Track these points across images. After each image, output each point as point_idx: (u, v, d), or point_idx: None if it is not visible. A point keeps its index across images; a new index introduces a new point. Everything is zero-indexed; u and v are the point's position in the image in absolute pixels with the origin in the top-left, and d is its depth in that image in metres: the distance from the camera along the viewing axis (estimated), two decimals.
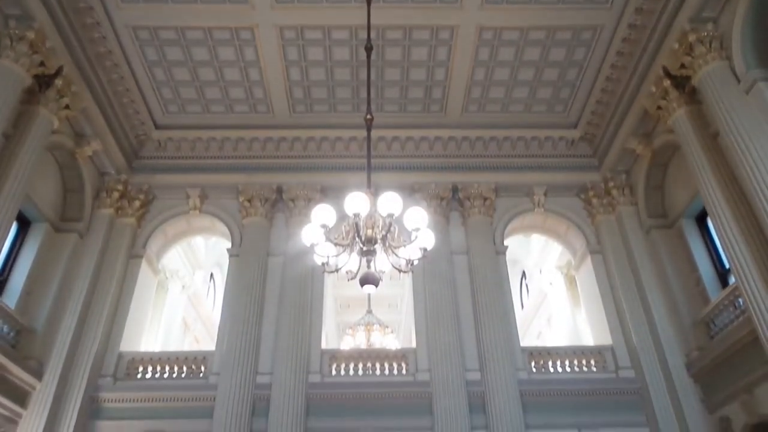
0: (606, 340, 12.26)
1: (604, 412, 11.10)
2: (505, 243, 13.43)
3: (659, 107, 10.95)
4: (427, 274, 12.35)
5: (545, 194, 13.71)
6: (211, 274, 19.66)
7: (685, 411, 10.49)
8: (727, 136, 8.98)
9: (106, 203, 12.78)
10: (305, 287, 12.27)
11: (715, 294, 10.85)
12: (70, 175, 12.21)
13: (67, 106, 10.83)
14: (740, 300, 9.60)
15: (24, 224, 11.53)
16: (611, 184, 13.30)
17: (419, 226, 5.82)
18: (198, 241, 16.92)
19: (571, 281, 15.85)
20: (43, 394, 10.37)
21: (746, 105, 8.96)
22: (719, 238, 9.36)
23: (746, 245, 8.63)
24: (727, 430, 9.94)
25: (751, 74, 8.98)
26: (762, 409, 9.15)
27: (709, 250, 11.71)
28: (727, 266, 10.62)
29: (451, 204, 13.54)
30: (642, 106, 11.68)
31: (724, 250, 9.26)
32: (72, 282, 11.60)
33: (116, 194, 12.93)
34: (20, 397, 10.08)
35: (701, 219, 11.88)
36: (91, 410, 10.98)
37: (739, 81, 9.22)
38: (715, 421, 10.25)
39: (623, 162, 13.19)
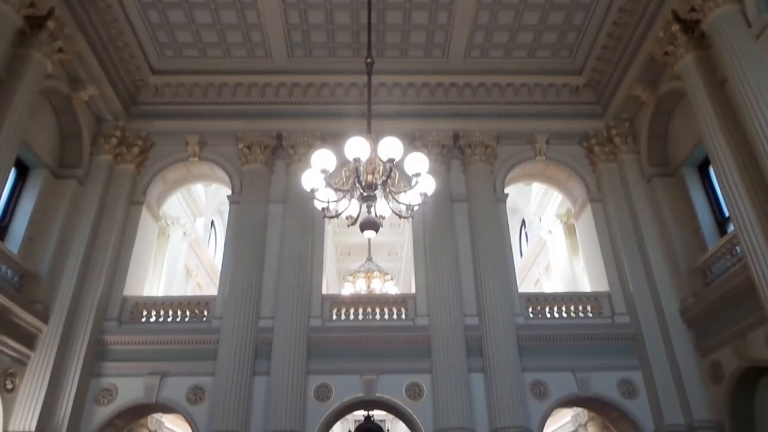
0: (603, 287, 12.45)
1: (599, 355, 11.41)
2: (506, 191, 13.42)
3: (666, 53, 10.70)
4: (428, 222, 12.42)
5: (547, 142, 13.60)
6: (212, 222, 19.76)
7: (677, 355, 10.77)
8: (735, 82, 8.82)
9: (104, 149, 12.70)
10: (306, 234, 12.36)
11: (713, 243, 10.93)
12: (67, 120, 12.07)
13: (60, 50, 10.59)
14: (737, 248, 9.68)
15: (23, 171, 11.48)
16: (614, 132, 13.17)
17: (420, 171, 5.79)
18: (198, 188, 16.92)
19: (570, 230, 15.95)
20: (49, 336, 10.61)
21: (756, 50, 8.76)
22: (720, 186, 9.34)
23: (747, 193, 8.62)
24: (717, 374, 10.22)
25: (763, 18, 8.74)
26: (753, 354, 9.37)
27: (709, 199, 11.72)
28: (727, 215, 10.67)
29: (451, 152, 13.45)
30: (649, 52, 11.42)
31: (724, 198, 9.26)
32: (73, 228, 11.67)
33: (114, 140, 12.82)
34: (28, 339, 10.32)
35: (703, 168, 11.83)
36: (98, 352, 11.28)
37: (750, 25, 8.99)
38: (707, 364, 10.52)
39: (627, 110, 13.01)
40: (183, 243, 16.81)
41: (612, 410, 11.43)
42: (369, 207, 5.88)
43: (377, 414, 12.40)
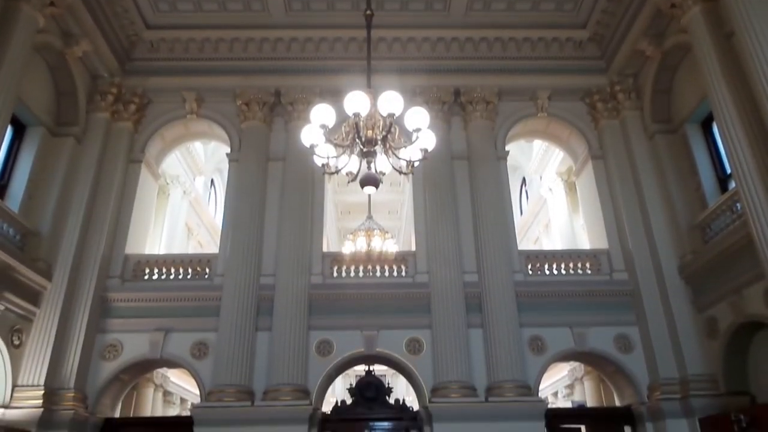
0: (602, 244, 12.50)
1: (596, 312, 11.55)
2: (507, 148, 13.33)
3: (673, 5, 10.43)
4: (428, 179, 12.38)
5: (549, 98, 13.40)
6: (212, 180, 19.71)
7: (674, 311, 10.90)
8: (742, 34, 8.60)
9: (100, 107, 12.53)
10: (306, 191, 12.35)
11: (713, 200, 10.91)
12: (62, 77, 11.86)
13: (52, 3, 10.32)
14: (738, 205, 9.66)
15: (20, 129, 11.37)
16: (617, 87, 12.97)
17: (420, 127, 5.72)
18: (197, 146, 16.81)
19: (570, 188, 15.91)
20: (54, 294, 10.73)
21: (764, 2, 8.51)
22: (723, 142, 9.25)
23: (749, 149, 8.55)
24: (713, 329, 10.37)
25: None
26: (749, 309, 9.48)
27: (711, 156, 11.63)
28: (728, 172, 10.62)
29: (452, 108, 13.28)
30: (655, 5, 11.11)
31: (727, 154, 9.18)
32: (72, 186, 11.64)
33: (110, 98, 12.64)
34: (32, 296, 10.43)
35: (706, 124, 11.69)
36: (102, 309, 11.42)
37: None
38: (703, 320, 10.67)
39: (631, 65, 12.77)
40: (183, 202, 16.81)
41: (608, 365, 11.65)
42: (369, 163, 5.84)
43: (378, 369, 12.62)
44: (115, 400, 11.75)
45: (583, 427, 11.55)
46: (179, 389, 16.28)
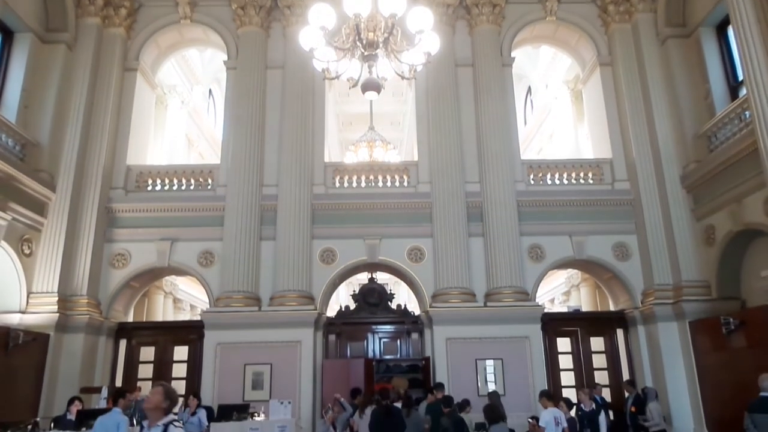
0: (606, 154, 12.42)
1: (596, 221, 11.70)
2: (513, 55, 12.89)
3: None
4: (431, 88, 12.09)
5: (558, 0, 12.78)
6: (210, 91, 19.27)
7: (673, 219, 11.02)
8: None
9: (90, 11, 12.02)
10: (306, 100, 12.10)
11: (722, 108, 10.68)
12: None
13: None
14: (747, 113, 9.49)
15: (8, 35, 10.98)
16: None
17: (423, 29, 5.48)
18: (193, 54, 16.26)
19: (576, 96, 15.55)
20: (59, 204, 10.84)
21: None
22: (738, 46, 8.89)
23: (764, 53, 8.23)
24: (710, 237, 10.53)
25: None
26: (747, 218, 9.57)
27: (723, 63, 11.29)
28: (740, 79, 10.33)
29: (457, 11, 12.70)
30: None
31: (740, 58, 8.83)
32: (68, 96, 11.42)
33: (100, 1, 12.09)
34: (38, 207, 10.55)
35: (721, 29, 11.25)
36: (108, 219, 11.59)
37: None
38: (701, 228, 10.81)
39: None
40: (181, 112, 16.52)
41: (604, 272, 11.95)
42: (370, 67, 5.66)
43: (380, 277, 12.98)
44: (127, 306, 12.20)
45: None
46: (188, 296, 16.83)
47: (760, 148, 8.24)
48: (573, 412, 8.20)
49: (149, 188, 12.05)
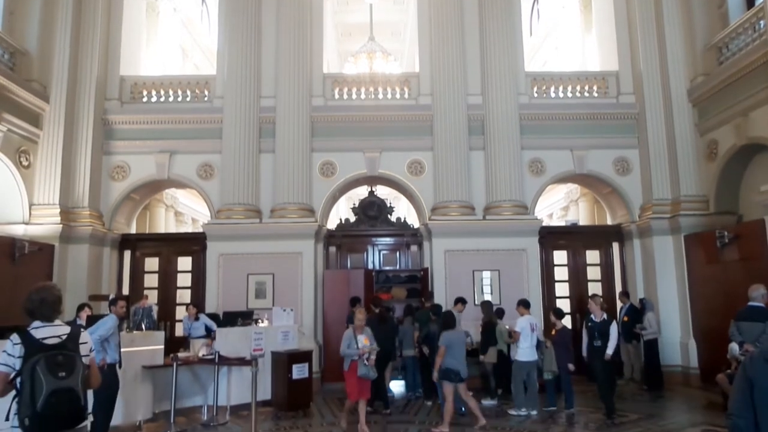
0: (612, 66, 12.07)
1: (598, 135, 11.59)
2: None
3: None
4: None
5: None
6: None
7: (676, 133, 10.89)
8: None
9: None
10: (304, 8, 11.60)
11: (736, 18, 10.25)
12: None
13: None
14: (762, 22, 9.14)
15: None
16: None
17: None
18: None
19: (585, 5, 14.85)
20: (53, 115, 10.68)
21: None
22: None
23: None
24: (712, 152, 10.45)
25: None
26: (752, 132, 9.45)
27: None
28: None
29: None
30: None
31: None
32: (54, 1, 10.91)
33: None
34: (33, 118, 10.39)
35: None
36: (105, 131, 11.47)
37: None
38: (704, 143, 10.71)
39: None
40: (174, 20, 15.87)
41: (604, 186, 11.99)
42: None
43: (380, 192, 13.00)
44: (128, 218, 12.32)
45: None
46: (190, 210, 16.95)
47: None
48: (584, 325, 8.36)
49: (144, 100, 11.82)
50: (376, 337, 7.14)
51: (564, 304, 11.84)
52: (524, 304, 8.52)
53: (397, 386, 10.17)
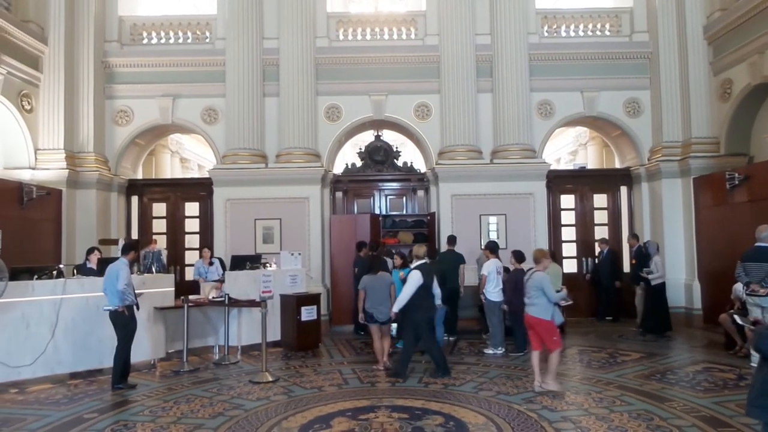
0: (626, 2, 11.65)
1: (609, 75, 11.34)
2: None
3: None
4: None
5: None
6: None
7: (690, 73, 10.61)
8: None
9: None
10: None
11: None
12: None
13: None
14: None
15: None
16: None
17: None
18: None
19: None
20: (53, 58, 10.48)
21: None
22: None
23: None
24: (725, 92, 10.21)
25: None
26: (767, 70, 9.18)
27: None
28: None
29: None
30: None
31: None
32: None
33: None
34: (32, 61, 10.21)
35: None
36: (106, 75, 11.28)
37: None
38: (717, 83, 10.44)
39: None
40: None
41: (614, 129, 11.81)
42: None
43: (386, 137, 12.81)
44: (134, 164, 12.30)
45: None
46: (195, 156, 16.89)
47: None
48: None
49: (144, 42, 11.55)
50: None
51: (570, 248, 11.92)
52: (491, 248, 8.55)
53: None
